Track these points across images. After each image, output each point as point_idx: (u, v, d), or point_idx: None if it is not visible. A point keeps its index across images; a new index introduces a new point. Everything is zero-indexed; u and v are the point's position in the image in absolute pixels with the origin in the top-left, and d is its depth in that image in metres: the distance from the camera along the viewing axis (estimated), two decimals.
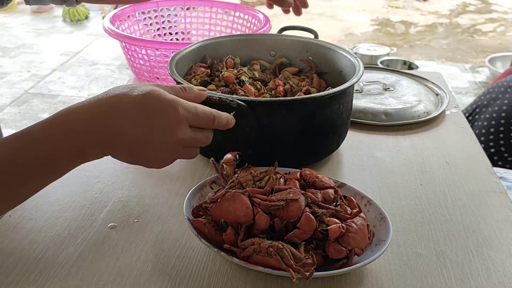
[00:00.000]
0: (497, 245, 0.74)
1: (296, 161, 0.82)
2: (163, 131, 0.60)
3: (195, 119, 0.63)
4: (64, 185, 0.85)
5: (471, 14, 5.25)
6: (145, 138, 0.60)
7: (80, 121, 0.59)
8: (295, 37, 1.06)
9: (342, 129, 0.93)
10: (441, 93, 1.20)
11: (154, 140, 0.61)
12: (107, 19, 1.20)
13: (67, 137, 0.59)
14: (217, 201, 0.68)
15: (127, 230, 0.75)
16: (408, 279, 0.67)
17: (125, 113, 0.60)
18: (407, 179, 0.89)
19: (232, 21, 1.33)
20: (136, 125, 0.60)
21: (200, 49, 1.01)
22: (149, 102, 0.60)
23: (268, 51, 1.06)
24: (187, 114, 0.62)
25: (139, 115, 0.60)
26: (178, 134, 0.61)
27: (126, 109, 0.60)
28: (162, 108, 0.60)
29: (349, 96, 0.92)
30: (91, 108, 0.60)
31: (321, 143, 0.90)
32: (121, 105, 0.60)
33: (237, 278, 0.66)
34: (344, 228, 0.65)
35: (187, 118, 0.62)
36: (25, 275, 0.66)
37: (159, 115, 0.60)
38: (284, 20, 1.15)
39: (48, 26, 4.58)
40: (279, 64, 1.04)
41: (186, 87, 0.66)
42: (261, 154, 0.82)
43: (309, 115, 0.84)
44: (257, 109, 0.81)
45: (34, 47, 4.11)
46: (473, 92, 3.47)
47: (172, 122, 0.61)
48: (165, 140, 0.61)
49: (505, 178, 1.38)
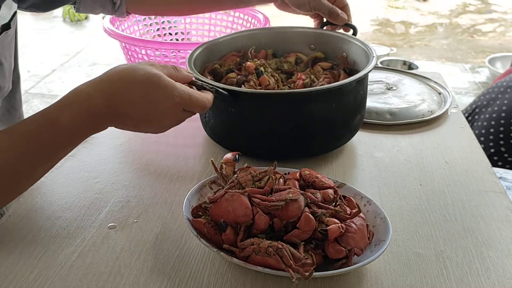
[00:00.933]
0: (496, 245, 0.74)
1: (279, 155, 0.83)
2: (162, 114, 0.72)
3: (187, 104, 0.73)
4: (64, 185, 0.85)
5: (471, 14, 5.25)
6: (149, 113, 0.71)
7: (96, 105, 0.68)
8: (333, 32, 1.05)
9: (340, 129, 0.92)
10: (444, 92, 1.20)
11: (156, 115, 0.72)
12: (107, 19, 1.20)
13: (87, 122, 0.69)
14: (217, 201, 0.68)
15: (126, 230, 0.75)
16: (407, 279, 0.67)
17: (132, 94, 0.69)
18: (407, 179, 0.89)
19: (232, 21, 1.33)
20: (141, 105, 0.70)
21: (235, 39, 1.06)
22: (151, 85, 0.70)
23: (308, 45, 1.07)
24: (182, 100, 0.72)
25: (143, 99, 0.70)
26: (173, 114, 0.73)
27: (133, 90, 0.69)
28: (161, 93, 0.70)
29: (347, 96, 0.90)
30: (104, 91, 0.69)
31: (304, 141, 0.89)
32: (128, 87, 0.70)
33: (237, 278, 0.67)
34: (343, 228, 0.65)
35: (181, 103, 0.72)
36: (25, 275, 0.66)
37: (160, 99, 0.71)
38: (283, 20, 1.15)
39: (48, 26, 4.58)
40: (313, 58, 1.04)
41: (178, 67, 0.76)
42: (241, 145, 0.89)
43: (294, 110, 0.85)
44: (240, 99, 0.85)
45: (34, 47, 4.11)
46: (473, 92, 3.47)
47: (169, 105, 0.71)
48: (165, 114, 0.72)
49: (504, 178, 1.38)
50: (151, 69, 0.71)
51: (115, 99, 0.69)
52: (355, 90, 0.91)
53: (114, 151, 0.96)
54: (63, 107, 0.68)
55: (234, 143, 0.92)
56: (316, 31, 1.07)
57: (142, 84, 0.69)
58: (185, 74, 0.77)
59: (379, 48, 3.72)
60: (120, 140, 1.00)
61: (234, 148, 0.85)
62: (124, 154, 0.96)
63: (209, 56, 1.01)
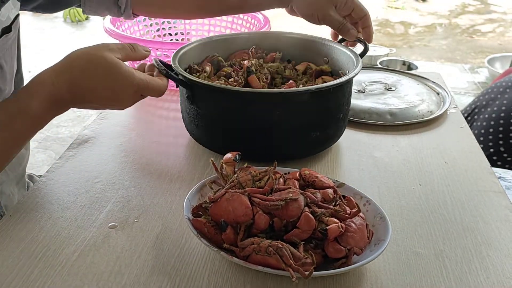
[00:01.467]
0: (496, 244, 0.74)
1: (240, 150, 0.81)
2: (122, 99, 0.79)
3: (145, 91, 0.80)
4: (64, 185, 0.85)
5: (470, 15, 5.26)
6: (110, 98, 0.78)
7: (60, 93, 0.74)
8: (345, 48, 1.01)
9: (294, 137, 0.89)
10: (442, 92, 1.20)
11: (117, 100, 0.79)
12: (108, 19, 1.21)
13: (53, 107, 0.75)
14: (217, 201, 0.68)
15: (127, 230, 0.75)
16: (407, 279, 0.67)
17: (93, 83, 0.75)
18: (406, 179, 0.89)
19: (232, 22, 1.33)
20: (102, 92, 0.76)
21: (250, 37, 1.09)
22: (111, 75, 0.75)
23: (322, 56, 1.04)
24: (139, 88, 0.78)
25: (104, 88, 0.76)
26: (132, 96, 0.79)
27: (94, 80, 0.75)
28: (120, 82, 0.76)
29: (304, 103, 0.86)
30: (66, 80, 0.74)
31: (250, 141, 0.89)
32: (89, 76, 0.75)
33: (237, 278, 0.67)
34: (343, 227, 0.65)
35: (139, 90, 0.79)
36: (25, 274, 0.66)
37: (120, 87, 0.77)
38: (283, 20, 1.15)
39: (49, 26, 4.58)
40: (318, 71, 1.02)
41: (135, 46, 0.82)
42: (208, 141, 0.94)
43: (237, 107, 0.87)
44: (193, 89, 0.89)
45: (35, 47, 4.11)
46: (472, 92, 3.47)
47: (128, 93, 0.78)
48: (126, 97, 0.79)
49: (504, 178, 1.38)
50: (111, 58, 0.75)
51: (77, 87, 0.75)
52: (296, 99, 0.87)
53: (115, 151, 0.96)
54: (31, 95, 0.74)
55: (203, 140, 0.95)
56: (329, 44, 1.04)
57: (103, 74, 0.75)
58: (142, 53, 0.83)
59: (379, 49, 3.72)
60: (121, 140, 1.00)
61: (208, 145, 0.94)
62: (124, 154, 0.96)
63: (224, 50, 1.06)
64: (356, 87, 1.15)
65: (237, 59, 1.04)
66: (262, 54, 1.06)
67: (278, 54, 1.06)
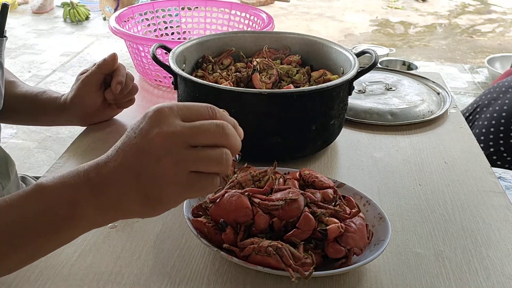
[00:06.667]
0: (495, 244, 0.74)
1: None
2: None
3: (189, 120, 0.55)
4: None
5: (470, 15, 5.26)
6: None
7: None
8: (345, 50, 0.99)
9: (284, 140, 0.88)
10: (442, 92, 1.20)
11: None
12: (113, 19, 1.24)
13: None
14: (217, 201, 0.69)
15: (127, 230, 0.75)
16: (407, 279, 0.67)
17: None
18: (406, 179, 0.89)
19: (228, 19, 1.34)
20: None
21: (282, 37, 1.09)
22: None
23: (339, 67, 1.01)
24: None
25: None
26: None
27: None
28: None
29: (295, 104, 0.86)
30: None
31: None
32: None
33: (237, 278, 0.67)
34: (343, 227, 0.65)
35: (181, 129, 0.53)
36: (26, 275, 0.66)
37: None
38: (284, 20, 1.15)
39: (49, 27, 4.58)
40: (326, 80, 0.99)
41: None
42: None
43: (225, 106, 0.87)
44: (186, 84, 0.90)
45: (35, 47, 4.11)
46: (472, 92, 3.47)
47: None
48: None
49: (503, 178, 1.38)
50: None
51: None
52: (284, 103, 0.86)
53: None
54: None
55: None
56: (346, 54, 0.99)
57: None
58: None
59: (379, 49, 3.72)
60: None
61: None
62: None
63: (223, 49, 1.07)
64: (356, 87, 1.15)
65: (256, 57, 1.04)
66: (282, 55, 1.06)
67: (296, 57, 1.04)
